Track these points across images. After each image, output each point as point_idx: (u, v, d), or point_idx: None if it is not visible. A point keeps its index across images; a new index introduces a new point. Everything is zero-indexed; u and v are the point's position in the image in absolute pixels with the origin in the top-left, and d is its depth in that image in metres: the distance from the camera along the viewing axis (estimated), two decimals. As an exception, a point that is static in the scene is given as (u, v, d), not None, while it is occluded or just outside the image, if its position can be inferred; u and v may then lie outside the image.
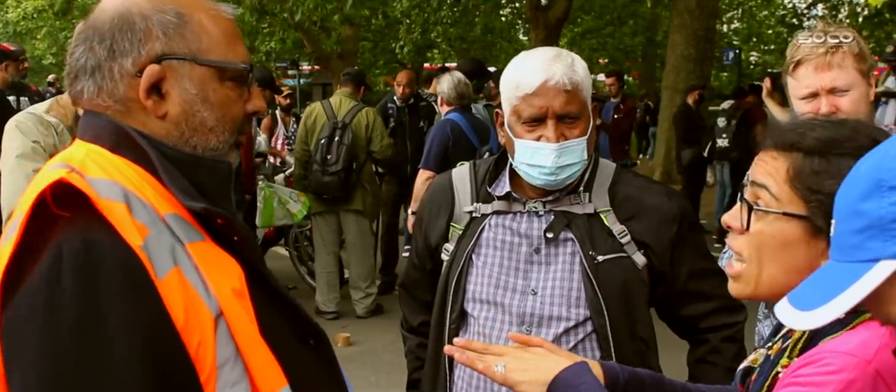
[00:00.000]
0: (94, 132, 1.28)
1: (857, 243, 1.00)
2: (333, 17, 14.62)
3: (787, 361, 1.32)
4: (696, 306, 2.09)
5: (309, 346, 1.36)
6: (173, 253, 1.19)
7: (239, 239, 1.29)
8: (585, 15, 23.09)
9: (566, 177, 2.01)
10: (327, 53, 18.80)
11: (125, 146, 1.26)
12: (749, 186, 1.37)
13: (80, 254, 1.12)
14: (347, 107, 6.80)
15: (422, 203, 2.31)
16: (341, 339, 6.25)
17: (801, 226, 1.29)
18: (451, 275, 2.12)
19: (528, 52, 2.07)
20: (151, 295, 1.14)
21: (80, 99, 1.30)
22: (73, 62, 1.29)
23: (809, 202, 1.28)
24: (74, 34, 1.33)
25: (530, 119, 1.97)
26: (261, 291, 1.28)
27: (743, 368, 1.47)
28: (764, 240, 1.32)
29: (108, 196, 1.18)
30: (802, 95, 2.32)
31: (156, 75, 1.26)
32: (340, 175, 6.55)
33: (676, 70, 13.69)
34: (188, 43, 1.28)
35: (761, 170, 1.35)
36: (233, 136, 1.34)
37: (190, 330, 1.16)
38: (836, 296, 1.00)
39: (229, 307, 1.21)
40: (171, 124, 1.28)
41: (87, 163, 1.23)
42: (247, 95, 1.35)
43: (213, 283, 1.21)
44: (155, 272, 1.16)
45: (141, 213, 1.19)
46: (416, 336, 2.36)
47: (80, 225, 1.15)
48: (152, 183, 1.25)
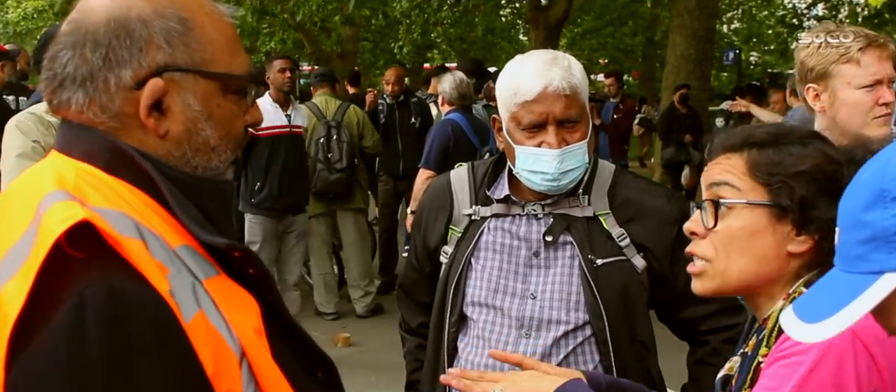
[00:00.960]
0: (84, 149, 1.13)
1: (862, 254, 1.00)
2: (334, 17, 14.61)
3: (766, 350, 1.33)
4: (697, 308, 2.08)
5: (317, 380, 1.27)
6: (195, 293, 1.07)
7: (255, 271, 1.18)
8: (585, 15, 23.06)
9: (568, 181, 2.00)
10: (327, 54, 18.79)
11: (123, 167, 1.12)
12: (706, 190, 1.43)
13: (106, 303, 0.98)
14: (335, 106, 6.84)
15: (420, 204, 2.30)
16: (341, 339, 6.26)
17: (766, 213, 1.36)
18: (450, 278, 2.12)
19: (523, 57, 2.05)
20: (185, 347, 1.02)
21: (65, 109, 1.15)
22: (57, 68, 1.14)
23: (771, 185, 1.35)
24: (58, 35, 1.17)
25: (530, 125, 1.96)
26: (275, 326, 1.18)
27: (721, 377, 1.48)
28: (732, 233, 1.38)
29: (123, 231, 1.03)
30: (865, 83, 2.29)
31: (159, 90, 1.12)
32: (346, 172, 6.59)
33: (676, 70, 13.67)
34: (192, 53, 1.14)
35: (717, 170, 1.42)
36: (234, 154, 1.23)
37: (219, 377, 1.05)
38: (841, 308, 1.00)
39: (251, 347, 1.11)
40: (171, 144, 1.15)
41: (84, 188, 1.08)
42: (246, 107, 1.23)
43: (234, 324, 1.09)
44: (183, 318, 1.02)
45: (156, 249, 1.05)
46: (415, 337, 2.35)
47: (101, 268, 1.00)
48: (158, 211, 1.11)
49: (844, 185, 1.32)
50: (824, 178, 1.35)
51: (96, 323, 0.97)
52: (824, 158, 1.37)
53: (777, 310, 1.36)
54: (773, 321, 1.35)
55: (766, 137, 1.41)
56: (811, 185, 1.34)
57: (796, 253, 1.36)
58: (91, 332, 0.96)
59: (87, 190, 1.07)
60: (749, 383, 1.35)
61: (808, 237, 1.35)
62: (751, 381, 1.35)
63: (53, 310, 0.97)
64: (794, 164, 1.35)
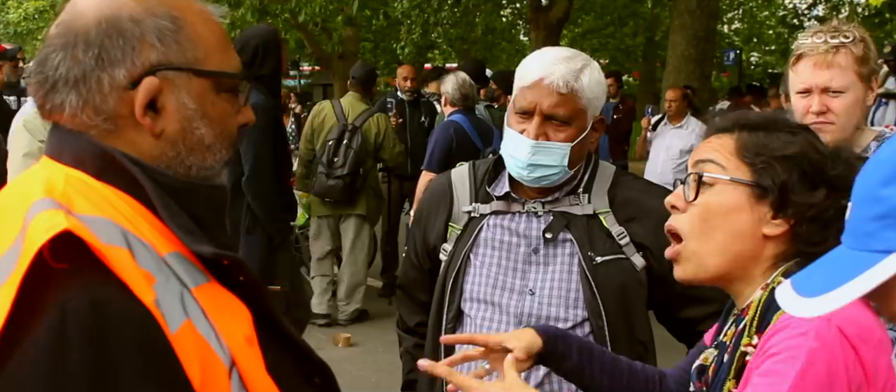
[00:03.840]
0: (73, 155, 1.11)
1: (872, 231, 0.98)
2: (336, 17, 14.60)
3: (748, 340, 1.34)
4: (695, 309, 2.08)
5: (314, 386, 1.26)
6: (183, 301, 1.05)
7: (245, 279, 1.17)
8: (586, 15, 23.05)
9: (539, 176, 2.01)
10: (328, 54, 18.81)
11: (112, 172, 1.10)
12: (692, 166, 1.46)
13: (88, 316, 0.95)
14: (358, 110, 6.63)
15: (420, 202, 2.31)
16: (342, 339, 6.26)
17: (747, 192, 1.39)
18: (448, 274, 2.13)
19: (549, 49, 2.11)
20: (170, 360, 0.99)
21: (58, 114, 1.13)
22: (48, 71, 1.11)
23: (755, 166, 1.39)
24: (47, 37, 1.15)
25: (521, 111, 2.01)
26: (268, 333, 1.17)
27: (697, 367, 1.49)
28: (710, 208, 1.40)
29: (108, 240, 1.01)
30: (798, 90, 2.33)
31: (155, 89, 1.11)
32: (346, 179, 6.38)
33: (677, 70, 13.66)
34: (184, 51, 1.14)
35: (706, 148, 1.45)
36: (228, 154, 1.21)
37: (207, 387, 1.03)
38: (841, 284, 0.98)
39: (242, 356, 1.09)
40: (166, 143, 1.14)
41: (72, 195, 1.06)
42: (239, 107, 1.23)
43: (223, 332, 1.08)
44: (169, 329, 1.00)
45: (144, 257, 1.04)
46: (413, 336, 2.36)
47: (84, 280, 0.98)
48: (147, 217, 1.10)
49: (828, 176, 1.35)
50: (808, 165, 1.38)
51: (79, 337, 0.95)
52: (810, 147, 1.40)
53: (757, 299, 1.38)
54: (754, 310, 1.36)
55: (757, 121, 1.46)
56: (794, 171, 1.37)
57: (771, 236, 1.39)
58: (73, 346, 0.95)
59: (75, 197, 1.06)
60: (733, 373, 1.35)
61: (783, 221, 1.38)
62: (735, 372, 1.35)
63: (36, 322, 0.95)
64: (781, 148, 1.39)
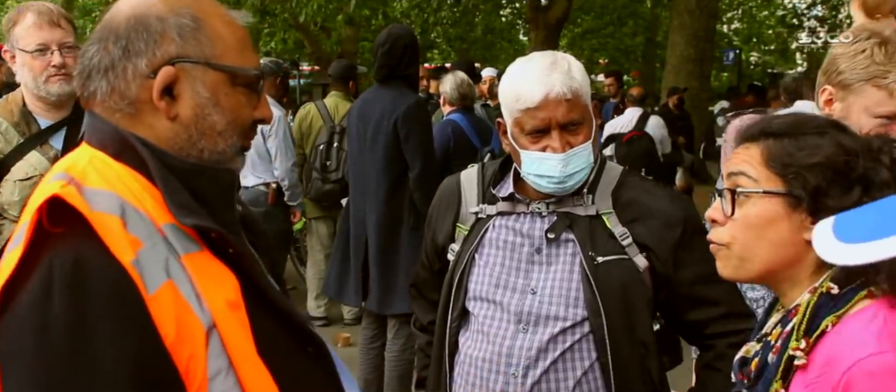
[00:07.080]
0: (98, 138, 1.30)
1: None
2: (336, 17, 14.61)
3: (797, 344, 1.33)
4: (703, 312, 2.07)
5: (307, 356, 1.35)
6: (167, 266, 1.19)
7: (234, 251, 1.28)
8: (585, 15, 23.08)
9: (575, 183, 2.03)
10: (327, 54, 18.81)
11: (127, 154, 1.26)
12: (726, 179, 1.47)
13: (70, 272, 1.12)
14: (344, 110, 6.26)
15: (431, 204, 2.34)
16: (341, 338, 6.25)
17: (782, 202, 1.40)
18: (454, 274, 2.15)
19: (524, 61, 2.07)
20: (140, 313, 1.14)
21: (92, 100, 1.31)
22: (86, 61, 1.30)
23: (786, 177, 1.39)
24: (91, 35, 1.33)
25: (534, 131, 1.99)
26: (258, 303, 1.27)
27: (739, 358, 1.50)
28: (749, 221, 1.42)
29: (102, 209, 1.17)
30: (885, 114, 1.99)
31: (170, 77, 1.26)
32: (342, 183, 6.08)
33: (677, 70, 13.69)
34: (202, 47, 1.29)
35: (736, 160, 1.46)
36: (240, 141, 1.34)
37: (181, 344, 1.16)
38: (882, 237, 0.94)
39: (223, 319, 1.21)
40: (180, 127, 1.29)
41: (89, 171, 1.23)
42: (256, 102, 1.36)
43: (206, 296, 1.20)
44: (145, 288, 1.15)
45: (137, 225, 1.19)
46: (426, 334, 2.39)
47: (72, 241, 1.14)
48: (153, 193, 1.25)
49: (858, 174, 1.33)
50: (838, 169, 1.37)
51: (60, 288, 1.11)
52: (839, 149, 1.38)
53: (805, 302, 1.37)
54: (802, 314, 1.36)
55: (782, 128, 1.44)
56: (825, 175, 1.37)
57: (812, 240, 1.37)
58: (56, 294, 1.11)
59: (90, 173, 1.23)
60: (780, 374, 1.35)
61: None
62: (782, 373, 1.34)
63: (31, 276, 1.13)
64: (809, 155, 1.39)
